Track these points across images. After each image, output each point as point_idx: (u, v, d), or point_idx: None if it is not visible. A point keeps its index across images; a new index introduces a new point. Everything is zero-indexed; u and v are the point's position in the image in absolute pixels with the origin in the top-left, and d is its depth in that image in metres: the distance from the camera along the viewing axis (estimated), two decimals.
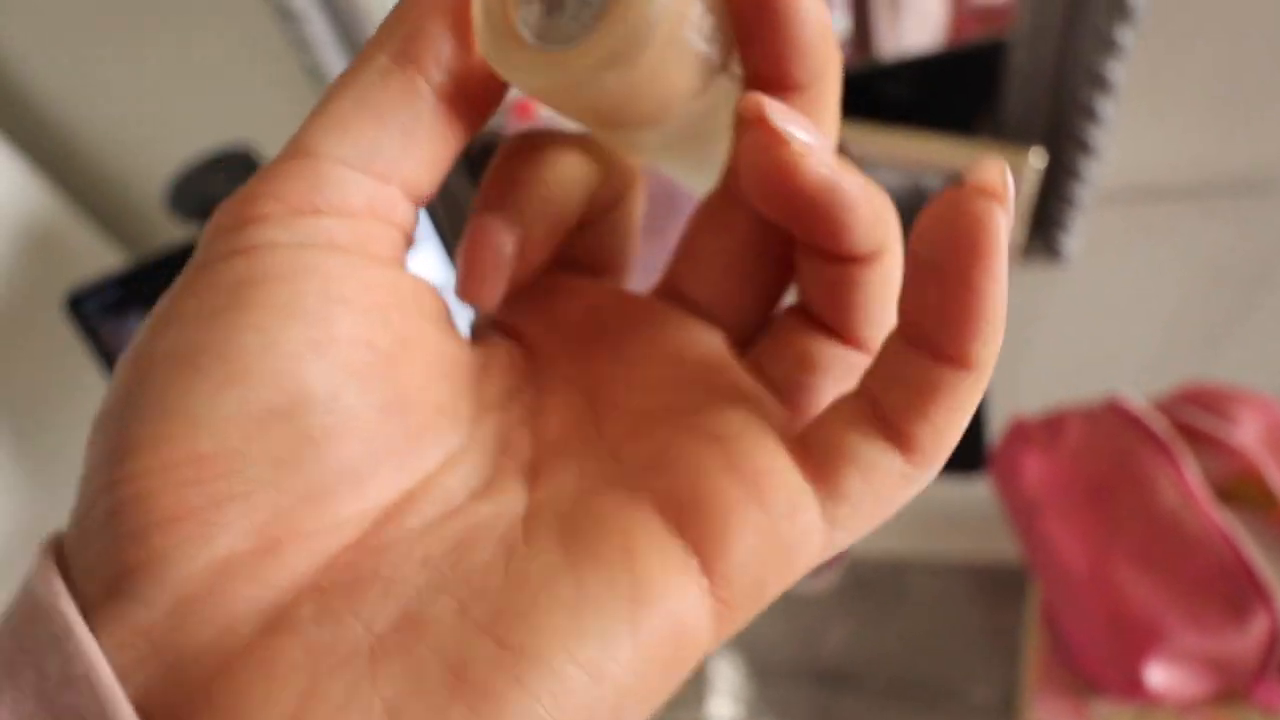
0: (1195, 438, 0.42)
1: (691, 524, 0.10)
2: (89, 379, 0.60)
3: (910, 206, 0.55)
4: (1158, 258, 0.62)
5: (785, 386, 0.12)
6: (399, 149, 0.11)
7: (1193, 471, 0.40)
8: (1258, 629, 0.37)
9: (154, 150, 0.67)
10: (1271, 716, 0.40)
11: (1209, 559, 0.38)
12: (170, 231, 0.66)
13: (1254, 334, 0.60)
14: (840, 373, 0.12)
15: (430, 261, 0.58)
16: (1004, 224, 0.10)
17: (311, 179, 0.11)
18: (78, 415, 0.64)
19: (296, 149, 0.11)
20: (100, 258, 0.68)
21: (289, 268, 0.10)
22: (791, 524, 0.11)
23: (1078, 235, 0.58)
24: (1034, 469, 0.44)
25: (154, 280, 0.55)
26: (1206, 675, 0.39)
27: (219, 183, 0.59)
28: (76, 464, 0.10)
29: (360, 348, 0.11)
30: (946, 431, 0.11)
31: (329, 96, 0.12)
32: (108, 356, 0.55)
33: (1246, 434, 0.41)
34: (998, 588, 0.60)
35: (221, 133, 0.62)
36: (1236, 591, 0.38)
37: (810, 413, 0.12)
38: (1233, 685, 0.39)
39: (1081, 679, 0.43)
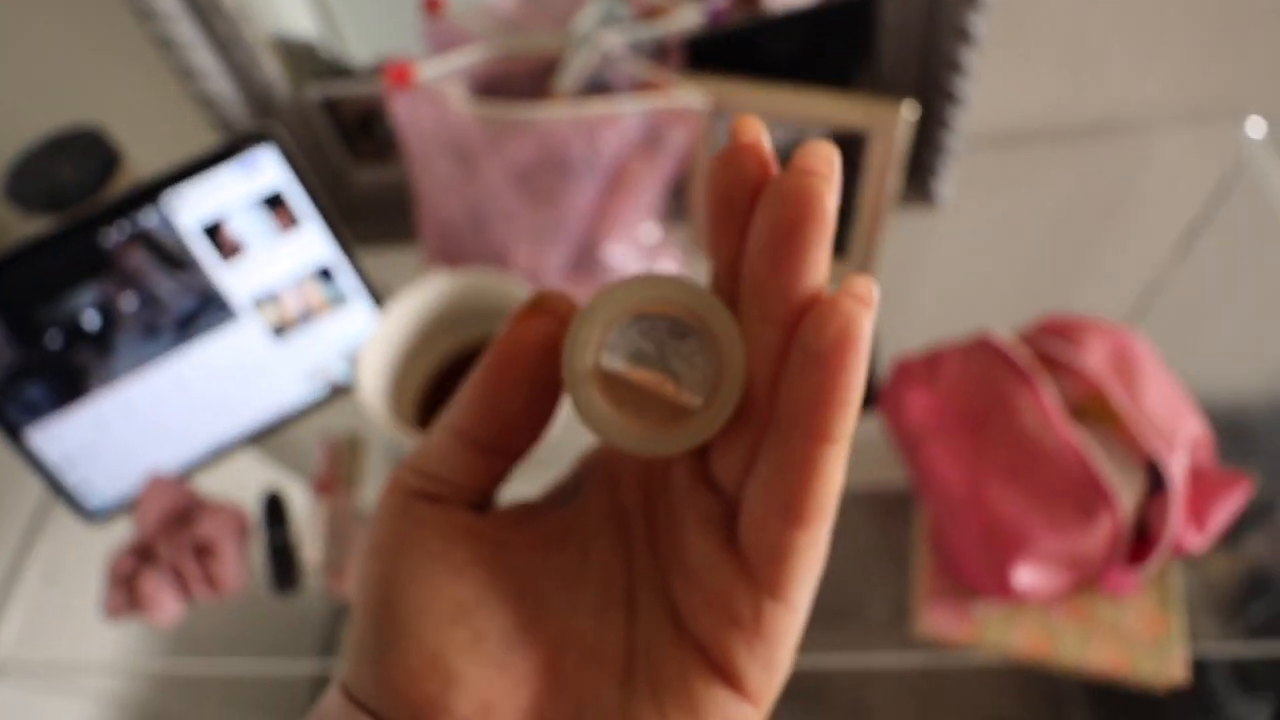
0: (1052, 365, 0.47)
1: (748, 689, 0.16)
2: None
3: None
4: (1021, 198, 0.67)
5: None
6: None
7: (1050, 395, 0.45)
8: (1104, 527, 0.43)
9: None
10: (1117, 600, 0.46)
11: (1063, 471, 0.43)
12: (9, 225, 0.60)
13: (1107, 264, 0.66)
14: None
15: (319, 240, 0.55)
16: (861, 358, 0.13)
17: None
18: None
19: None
20: None
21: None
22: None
23: (949, 181, 0.62)
24: (917, 404, 0.48)
25: None
26: (1065, 572, 0.44)
27: (65, 168, 0.54)
28: None
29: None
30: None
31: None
32: None
33: (1094, 358, 0.46)
34: (888, 510, 0.64)
35: (65, 114, 0.56)
36: (1086, 497, 0.43)
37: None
38: (1086, 578, 0.45)
39: (963, 587, 0.47)
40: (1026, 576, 0.44)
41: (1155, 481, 0.45)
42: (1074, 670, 0.46)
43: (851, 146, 0.55)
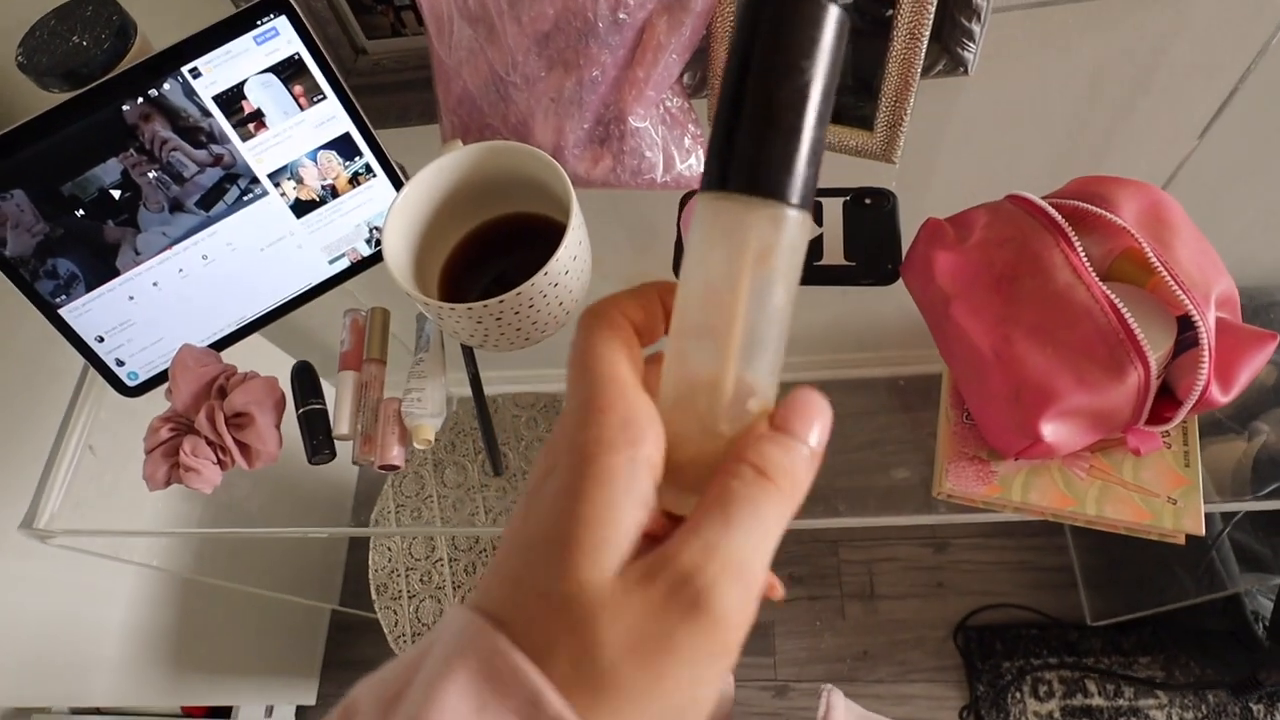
0: (1083, 221, 0.46)
1: None
2: None
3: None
4: (1053, 65, 0.64)
5: None
6: None
7: (1081, 250, 0.44)
8: (1132, 383, 0.43)
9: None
10: (1139, 456, 0.47)
11: (1095, 327, 0.43)
12: (29, 101, 0.59)
13: (1141, 132, 0.64)
14: None
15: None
16: None
17: None
18: None
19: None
20: None
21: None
22: None
23: (980, 48, 0.60)
24: (944, 264, 0.47)
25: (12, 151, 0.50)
26: (1091, 428, 0.45)
27: (79, 38, 0.53)
28: None
29: None
30: None
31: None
32: None
33: (1127, 215, 0.45)
34: (913, 394, 0.65)
35: None
36: (1116, 353, 0.42)
37: None
38: (1111, 434, 0.45)
39: (987, 447, 0.48)
40: (1053, 433, 0.44)
41: (1182, 340, 0.44)
42: (1093, 525, 0.47)
43: (878, 7, 0.52)
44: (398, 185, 0.59)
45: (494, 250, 0.57)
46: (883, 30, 0.53)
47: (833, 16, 0.20)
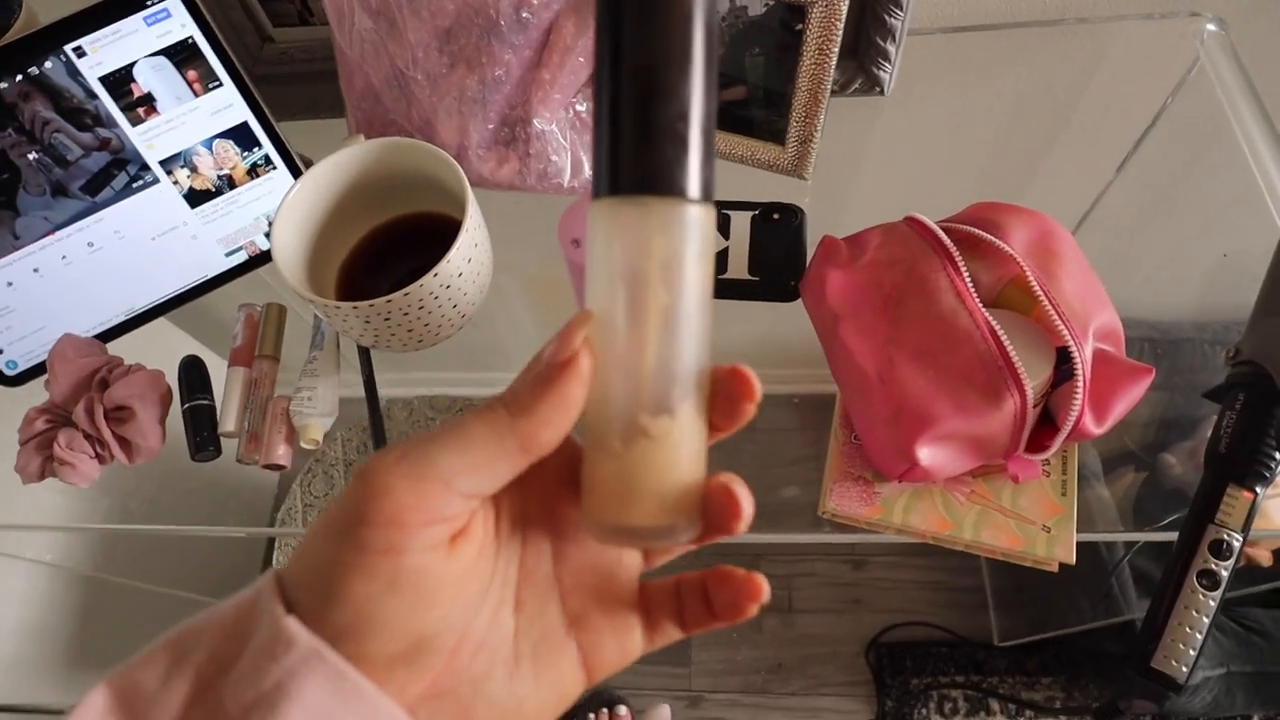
0: (975, 247, 0.47)
1: (592, 670, 0.23)
2: None
3: (765, 24, 0.55)
4: (971, 90, 0.65)
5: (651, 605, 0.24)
6: (491, 487, 0.20)
7: (967, 276, 0.45)
8: (1009, 410, 0.43)
9: None
10: (1017, 483, 0.47)
11: (974, 353, 0.43)
12: None
13: (1056, 161, 0.65)
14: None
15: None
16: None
17: (439, 502, 0.19)
18: None
19: (434, 475, 0.19)
20: None
21: (412, 571, 0.19)
22: (629, 662, 0.23)
23: (897, 69, 0.60)
24: (835, 283, 0.47)
25: None
26: (969, 453, 0.45)
27: None
28: None
29: (442, 609, 0.20)
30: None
31: (464, 439, 0.20)
32: None
33: (1016, 243, 0.46)
34: (816, 411, 0.64)
35: None
36: (994, 380, 0.43)
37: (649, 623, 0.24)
38: (991, 460, 0.46)
39: (870, 468, 0.48)
40: (930, 457, 0.44)
41: (1062, 370, 0.45)
42: (970, 549, 0.47)
43: (790, 19, 0.52)
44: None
45: (397, 250, 0.56)
46: (794, 45, 0.53)
47: None
